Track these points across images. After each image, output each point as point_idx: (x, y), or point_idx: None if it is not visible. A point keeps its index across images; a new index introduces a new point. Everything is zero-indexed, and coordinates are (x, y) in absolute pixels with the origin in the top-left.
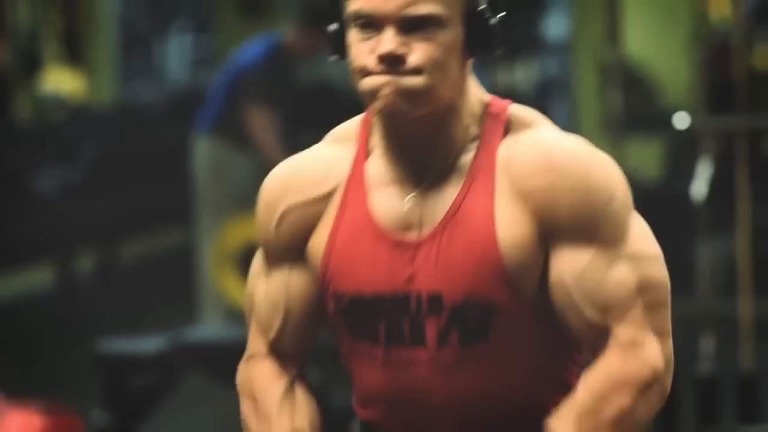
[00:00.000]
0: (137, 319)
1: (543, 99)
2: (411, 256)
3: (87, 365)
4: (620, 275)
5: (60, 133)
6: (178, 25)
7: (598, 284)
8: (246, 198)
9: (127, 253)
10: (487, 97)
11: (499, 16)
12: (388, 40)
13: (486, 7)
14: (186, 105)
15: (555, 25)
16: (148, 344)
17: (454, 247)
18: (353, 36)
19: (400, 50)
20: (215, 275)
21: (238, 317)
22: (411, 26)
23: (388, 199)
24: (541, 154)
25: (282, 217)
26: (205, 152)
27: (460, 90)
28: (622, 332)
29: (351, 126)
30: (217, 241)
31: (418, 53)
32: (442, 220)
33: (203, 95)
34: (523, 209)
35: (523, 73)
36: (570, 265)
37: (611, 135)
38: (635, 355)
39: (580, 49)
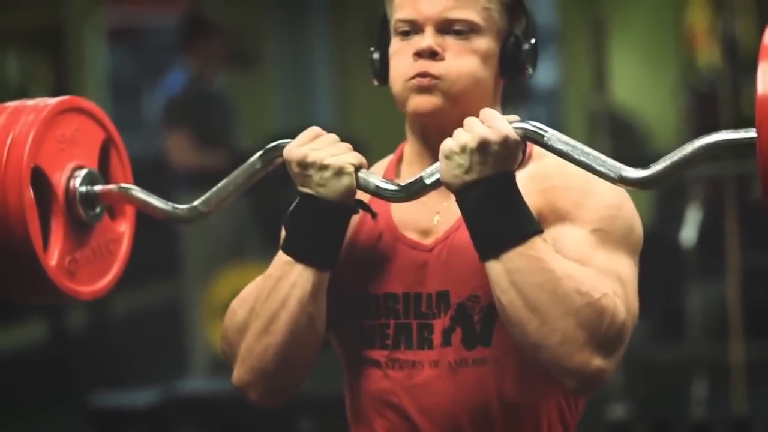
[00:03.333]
0: (129, 372)
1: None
2: (425, 258)
3: (80, 419)
4: (602, 261)
5: None
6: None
7: (579, 254)
8: (232, 249)
9: (118, 307)
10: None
11: (532, 41)
12: (428, 38)
13: (521, 33)
14: None
15: (543, 73)
16: (141, 398)
17: (465, 246)
18: (395, 45)
19: (438, 47)
20: (206, 327)
21: (228, 369)
22: (450, 30)
23: (410, 210)
24: (556, 168)
25: None
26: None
27: (492, 106)
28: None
29: (385, 159)
30: (207, 294)
31: (453, 51)
32: (456, 222)
33: None
34: (532, 209)
35: None
36: (564, 239)
37: None
38: (604, 281)
39: (568, 97)
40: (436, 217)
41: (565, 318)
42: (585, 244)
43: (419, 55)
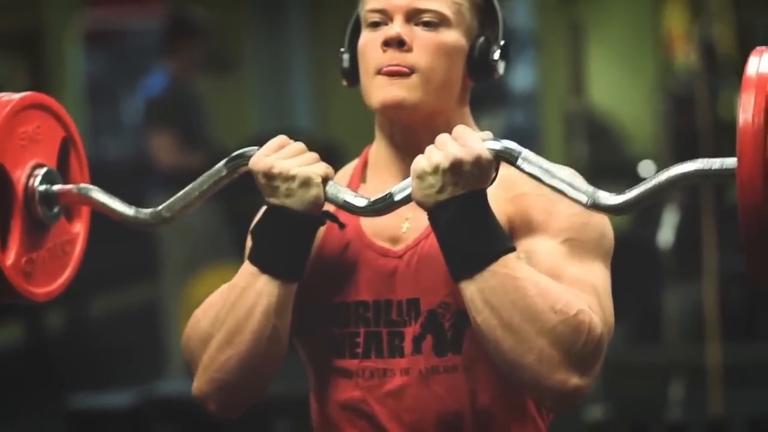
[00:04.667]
0: (107, 374)
1: None
2: (395, 265)
3: (58, 421)
4: (574, 272)
5: None
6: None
7: (551, 264)
8: (211, 251)
9: (96, 309)
10: (482, 132)
11: (501, 43)
12: (396, 26)
13: (492, 34)
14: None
15: (521, 77)
16: (118, 399)
17: (435, 253)
18: (364, 36)
19: (406, 37)
20: (183, 329)
21: None
22: (418, 20)
23: (379, 217)
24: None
25: None
26: None
27: (459, 107)
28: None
29: (350, 163)
30: (185, 295)
31: (421, 42)
32: (426, 229)
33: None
34: (500, 218)
35: (490, 126)
36: (536, 251)
37: None
38: (579, 296)
39: (545, 100)
40: (405, 224)
41: (541, 336)
42: (557, 256)
43: (387, 44)
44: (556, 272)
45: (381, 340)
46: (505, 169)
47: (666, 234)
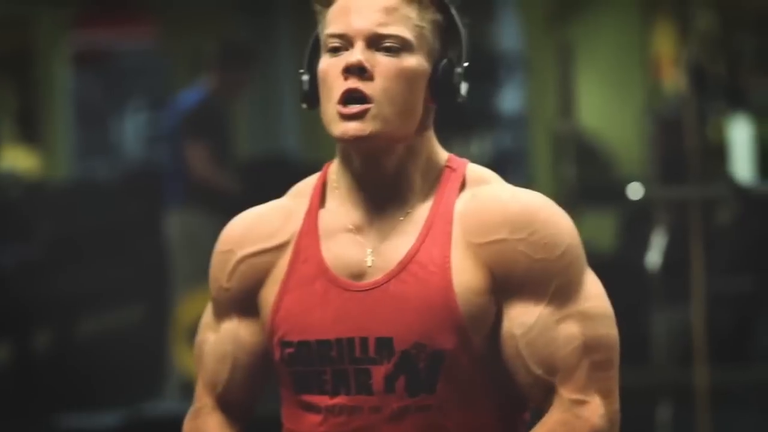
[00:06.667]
0: (95, 394)
1: (498, 172)
2: (361, 301)
3: None
4: (568, 334)
5: (15, 210)
6: (134, 102)
7: (546, 342)
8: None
9: (85, 329)
10: (446, 154)
11: (464, 65)
12: (357, 52)
13: (454, 56)
14: (142, 181)
15: (510, 100)
16: (106, 419)
17: (409, 292)
18: (324, 62)
19: (367, 63)
20: (173, 349)
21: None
22: (379, 45)
23: (342, 247)
24: (496, 208)
25: (235, 269)
26: (178, 225)
27: (421, 132)
28: (566, 392)
29: (309, 181)
30: (174, 316)
31: (382, 68)
32: (397, 266)
33: (159, 171)
34: (476, 261)
35: (479, 147)
36: (520, 319)
37: (566, 207)
38: (578, 414)
39: (534, 123)
40: (369, 257)
41: None
42: (545, 323)
43: (348, 71)
44: (553, 362)
45: (348, 379)
46: (471, 190)
47: (654, 256)
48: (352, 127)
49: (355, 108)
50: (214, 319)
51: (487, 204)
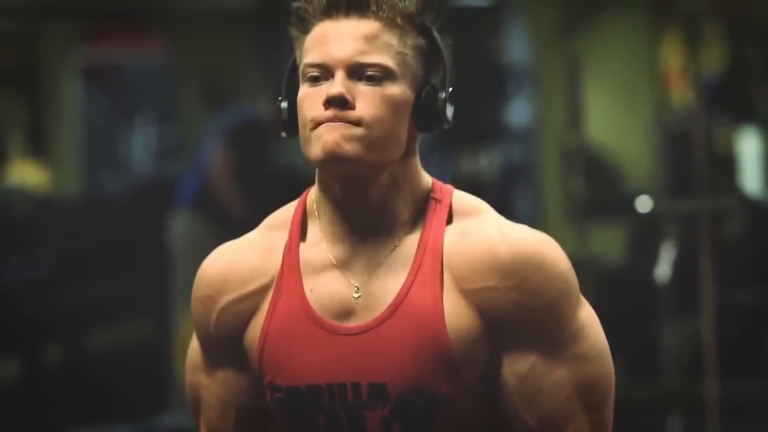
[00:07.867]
0: (105, 409)
1: (507, 186)
2: (351, 344)
3: None
4: (561, 381)
5: (24, 225)
6: (142, 117)
7: (539, 391)
8: None
9: (94, 343)
10: (430, 179)
11: (449, 90)
12: (338, 84)
13: (438, 81)
14: (151, 196)
15: (518, 113)
16: None
17: (401, 336)
18: (303, 91)
19: (349, 94)
20: (180, 362)
21: None
22: (361, 75)
23: (325, 285)
24: (485, 251)
25: (218, 318)
26: (184, 227)
27: (406, 159)
28: None
29: (287, 212)
30: (180, 329)
31: (365, 98)
32: (388, 308)
33: (169, 186)
34: (468, 303)
35: (487, 161)
36: (513, 368)
37: (575, 220)
38: None
39: (543, 136)
40: (356, 294)
41: None
42: (537, 372)
43: (330, 102)
44: (547, 414)
45: (342, 425)
46: (459, 224)
47: (663, 268)
48: (331, 141)
49: (337, 126)
50: (206, 364)
51: (477, 246)
